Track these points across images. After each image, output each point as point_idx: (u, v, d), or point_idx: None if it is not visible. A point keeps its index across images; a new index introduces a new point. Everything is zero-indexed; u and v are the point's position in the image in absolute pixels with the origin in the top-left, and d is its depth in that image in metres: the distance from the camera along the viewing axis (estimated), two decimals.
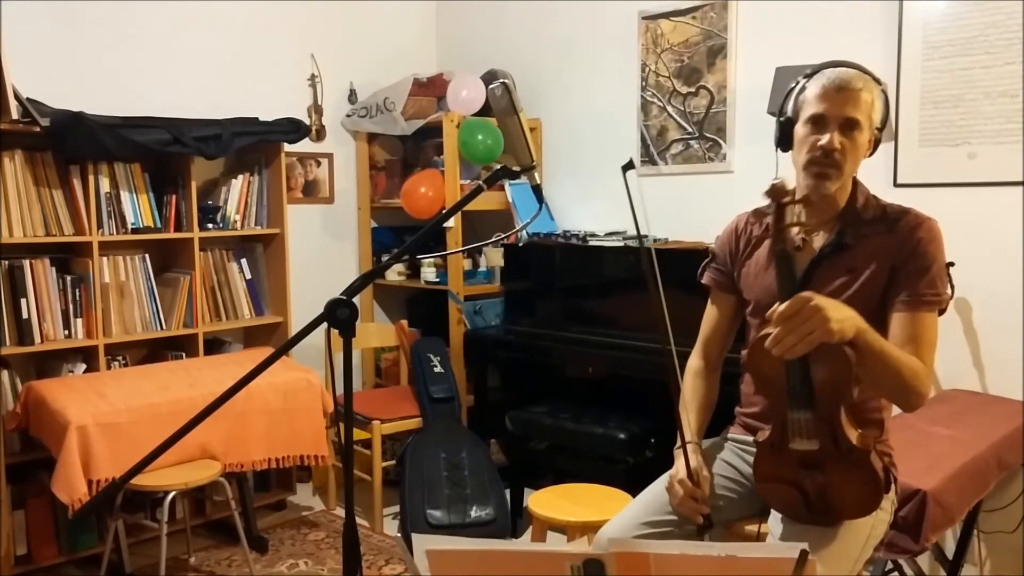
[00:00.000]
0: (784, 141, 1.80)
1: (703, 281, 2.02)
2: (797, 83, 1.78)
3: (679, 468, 1.79)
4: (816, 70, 1.75)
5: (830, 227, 1.77)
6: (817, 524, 1.66)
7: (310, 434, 3.13)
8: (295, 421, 3.09)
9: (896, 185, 2.94)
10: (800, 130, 1.74)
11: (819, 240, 1.78)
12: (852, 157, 1.70)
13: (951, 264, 1.75)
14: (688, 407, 1.94)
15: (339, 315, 1.43)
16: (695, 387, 1.98)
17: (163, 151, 3.18)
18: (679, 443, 1.88)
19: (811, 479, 1.64)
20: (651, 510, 1.82)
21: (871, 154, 1.77)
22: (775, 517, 1.75)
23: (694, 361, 2.02)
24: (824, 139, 1.68)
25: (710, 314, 2.02)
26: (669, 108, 3.63)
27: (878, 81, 1.75)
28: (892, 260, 1.70)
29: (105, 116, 3.09)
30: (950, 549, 2.70)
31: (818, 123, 1.70)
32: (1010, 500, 2.72)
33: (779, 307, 1.50)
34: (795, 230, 1.63)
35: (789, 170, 1.81)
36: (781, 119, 1.81)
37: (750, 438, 1.88)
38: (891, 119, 2.95)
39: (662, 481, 1.90)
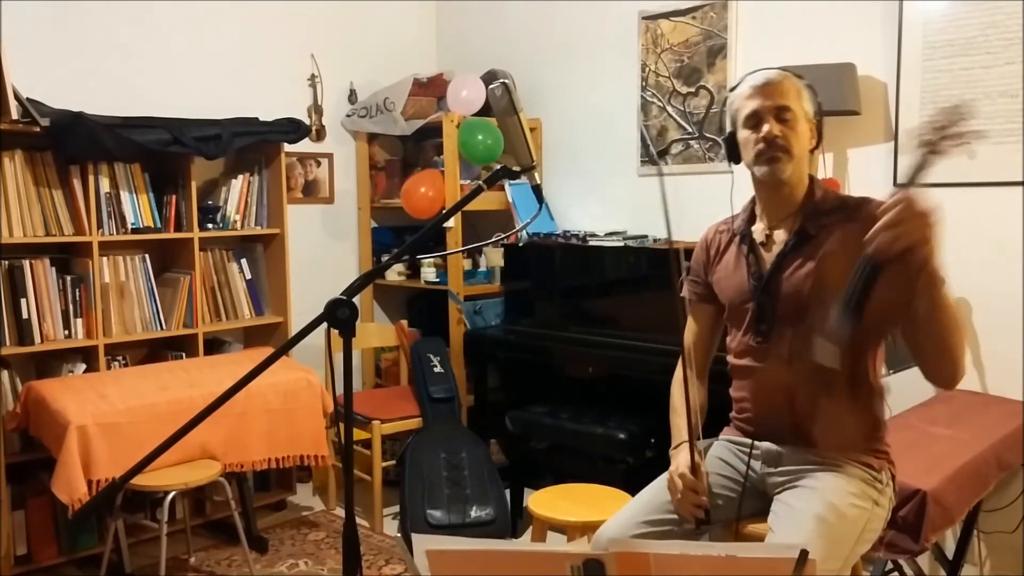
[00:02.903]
0: (733, 154, 1.89)
1: (682, 295, 2.07)
2: (727, 100, 1.89)
3: (679, 464, 1.82)
4: (739, 82, 1.87)
5: (791, 222, 1.84)
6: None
7: (310, 434, 3.13)
8: (295, 421, 3.10)
9: (896, 185, 2.94)
10: (742, 134, 1.84)
11: (782, 235, 1.85)
12: (796, 143, 1.79)
13: None
14: (678, 411, 1.97)
15: (339, 315, 1.43)
16: (683, 393, 1.98)
17: (163, 151, 3.18)
18: (674, 444, 1.91)
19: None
20: (650, 509, 1.83)
21: (817, 145, 1.86)
22: (775, 515, 1.76)
23: (680, 371, 2.04)
24: (764, 130, 1.78)
25: (691, 326, 2.07)
26: (669, 108, 3.63)
27: (800, 76, 1.85)
28: (856, 243, 1.70)
29: (105, 116, 3.09)
30: (950, 549, 2.70)
31: (754, 119, 1.80)
32: (1010, 500, 2.72)
33: (902, 195, 1.47)
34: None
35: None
36: (725, 137, 1.91)
37: (746, 440, 1.89)
38: (891, 119, 2.97)
39: (661, 480, 1.91)
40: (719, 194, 3.65)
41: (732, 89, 1.88)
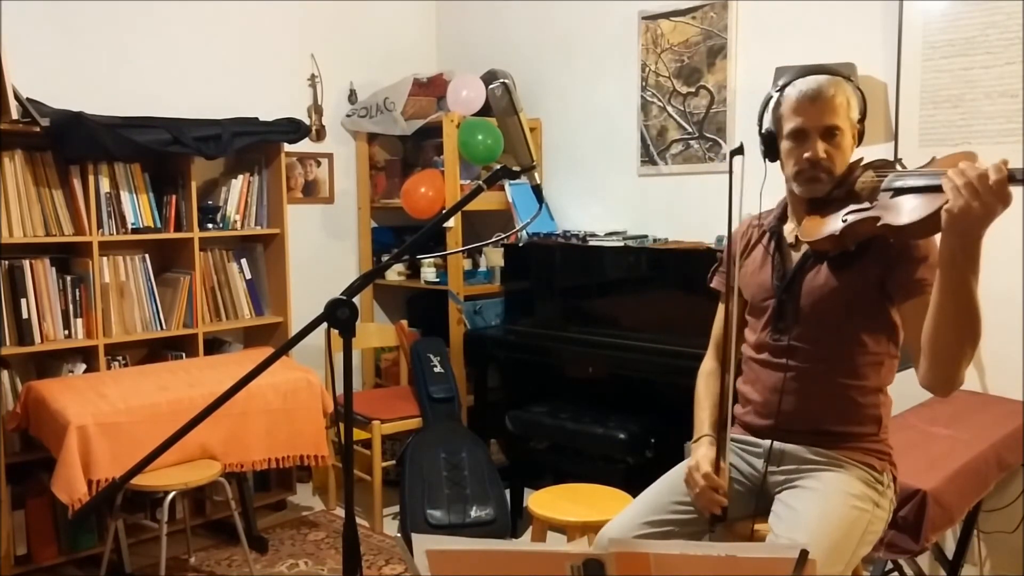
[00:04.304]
0: (770, 152, 1.85)
1: (712, 285, 2.07)
2: (771, 96, 1.83)
3: (699, 460, 1.81)
4: (787, 82, 1.79)
5: None
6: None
7: (310, 434, 3.13)
8: (295, 421, 3.09)
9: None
10: (784, 144, 1.80)
11: None
12: (840, 160, 1.77)
13: None
14: (702, 404, 1.98)
15: (339, 315, 1.43)
16: (708, 386, 2.01)
17: (163, 151, 3.18)
18: (695, 437, 1.91)
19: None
20: (653, 509, 1.83)
21: (858, 145, 1.83)
22: (776, 516, 1.76)
23: (708, 363, 2.06)
24: (809, 152, 1.74)
25: (721, 316, 2.05)
26: (669, 108, 3.63)
27: (848, 78, 1.79)
28: (886, 253, 1.72)
29: (105, 116, 3.09)
30: (950, 549, 2.71)
31: (799, 136, 1.76)
32: (1010, 500, 2.72)
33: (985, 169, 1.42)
34: None
35: (778, 176, 1.86)
36: (763, 132, 1.86)
37: (750, 438, 1.90)
38: (891, 119, 2.97)
39: (664, 480, 1.92)
40: (719, 194, 3.65)
41: (779, 88, 1.80)
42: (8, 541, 2.91)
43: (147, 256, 3.35)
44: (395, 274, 4.22)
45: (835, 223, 1.72)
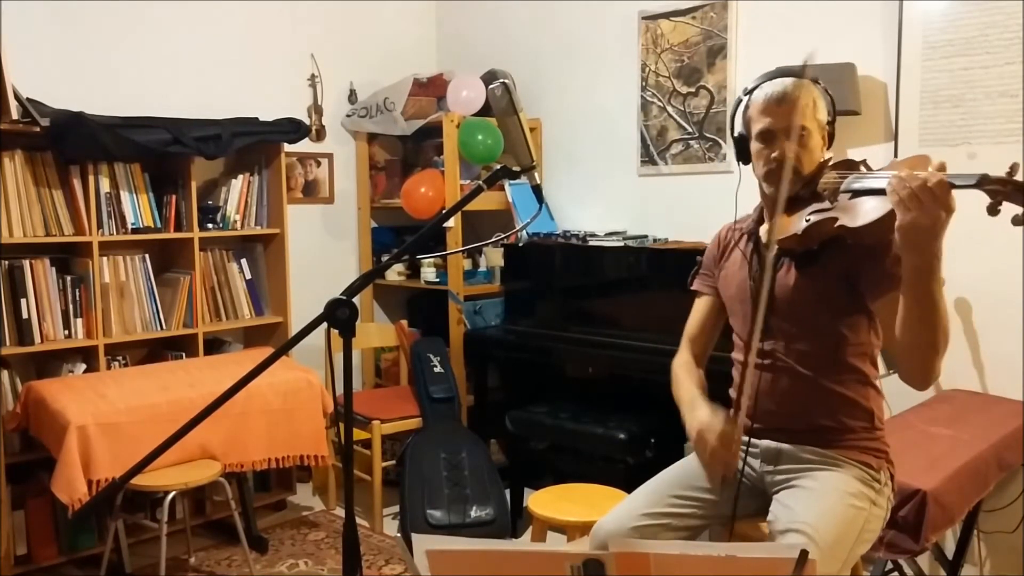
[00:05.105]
0: (743, 155, 1.89)
1: (692, 287, 2.10)
2: (740, 100, 1.89)
3: (709, 419, 1.77)
4: (755, 85, 1.85)
5: None
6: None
7: (310, 434, 3.13)
8: (295, 421, 3.10)
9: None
10: (753, 145, 1.84)
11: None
12: (808, 160, 1.79)
13: None
14: (683, 382, 1.97)
15: (339, 315, 1.43)
16: (689, 370, 2.01)
17: (163, 151, 3.18)
18: (688, 400, 1.90)
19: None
20: (651, 502, 1.84)
21: (828, 147, 1.86)
22: (773, 515, 1.75)
23: (682, 355, 2.07)
24: (776, 152, 1.77)
25: (696, 313, 2.09)
26: (669, 108, 3.63)
27: (816, 80, 1.83)
28: (850, 251, 1.73)
29: (105, 116, 3.09)
30: (950, 549, 2.71)
31: (766, 137, 1.80)
32: (1010, 500, 2.72)
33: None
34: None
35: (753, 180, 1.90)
36: (735, 136, 1.91)
37: (746, 437, 1.89)
38: (891, 119, 2.97)
39: (663, 475, 1.93)
40: (719, 194, 3.65)
41: (747, 92, 1.86)
42: (8, 541, 2.91)
43: (147, 256, 3.35)
44: (395, 274, 4.22)
45: (799, 223, 1.75)
